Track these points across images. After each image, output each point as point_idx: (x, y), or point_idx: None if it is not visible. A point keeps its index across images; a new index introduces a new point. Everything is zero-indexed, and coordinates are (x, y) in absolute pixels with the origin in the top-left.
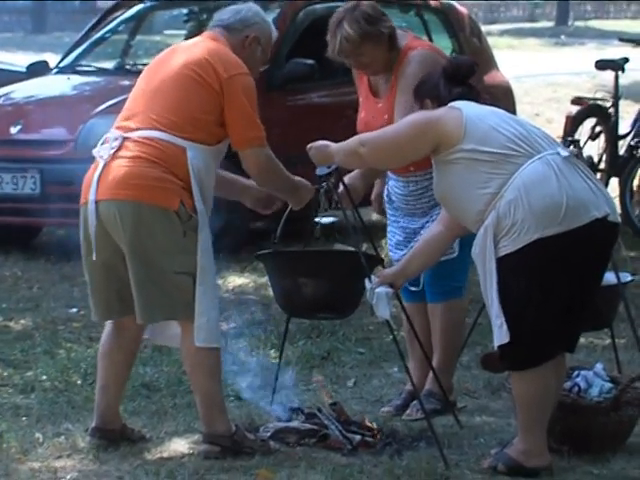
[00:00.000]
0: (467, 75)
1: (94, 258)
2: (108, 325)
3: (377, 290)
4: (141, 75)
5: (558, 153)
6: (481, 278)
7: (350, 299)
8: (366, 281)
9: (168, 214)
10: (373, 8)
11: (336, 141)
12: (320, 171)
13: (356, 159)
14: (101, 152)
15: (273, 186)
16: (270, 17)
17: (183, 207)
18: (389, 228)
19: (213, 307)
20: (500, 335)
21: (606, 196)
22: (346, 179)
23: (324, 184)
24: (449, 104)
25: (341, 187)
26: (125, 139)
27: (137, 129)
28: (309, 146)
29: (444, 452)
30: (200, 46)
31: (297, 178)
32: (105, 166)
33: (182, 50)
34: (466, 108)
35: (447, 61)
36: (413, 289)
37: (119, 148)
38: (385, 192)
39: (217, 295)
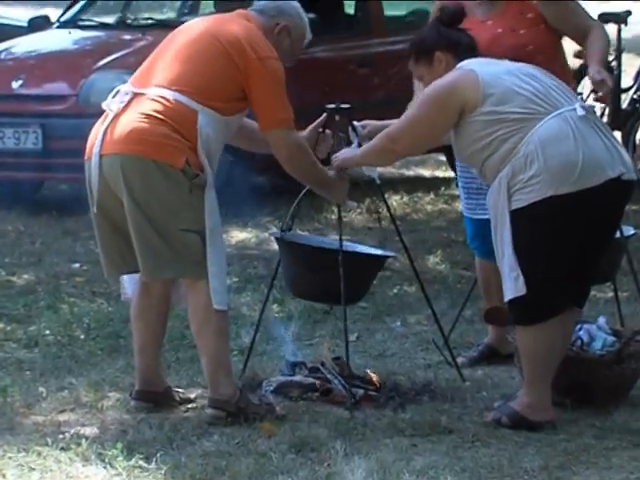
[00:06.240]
0: (461, 19)
1: (95, 211)
2: (137, 288)
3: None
4: (166, 37)
5: (575, 109)
6: (493, 230)
7: (354, 293)
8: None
9: (173, 171)
10: None
11: (339, 95)
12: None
13: (391, 156)
14: (111, 105)
15: (304, 173)
16: None
17: (188, 165)
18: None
19: (224, 268)
20: (516, 287)
21: (621, 154)
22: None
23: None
24: (459, 65)
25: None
26: (136, 94)
27: (151, 86)
28: (334, 158)
29: (447, 405)
30: (233, 22)
31: (329, 172)
32: (113, 120)
33: (213, 23)
34: (480, 68)
35: (439, 10)
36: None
37: (129, 103)
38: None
39: (225, 256)
